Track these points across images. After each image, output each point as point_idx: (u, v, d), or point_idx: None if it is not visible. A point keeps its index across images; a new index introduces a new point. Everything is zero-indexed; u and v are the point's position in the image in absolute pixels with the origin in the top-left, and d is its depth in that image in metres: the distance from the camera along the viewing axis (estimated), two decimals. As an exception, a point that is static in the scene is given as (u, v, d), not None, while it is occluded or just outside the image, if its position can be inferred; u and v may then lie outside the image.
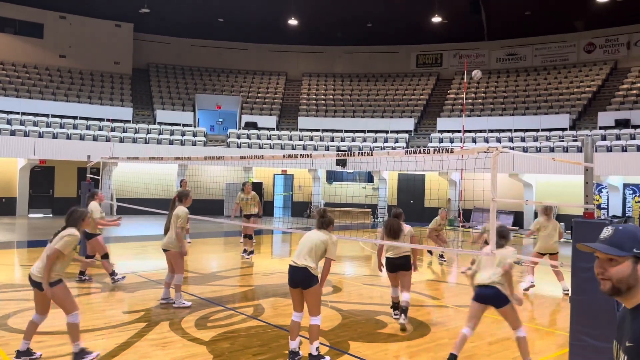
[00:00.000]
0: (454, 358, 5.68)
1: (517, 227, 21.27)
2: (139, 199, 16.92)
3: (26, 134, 22.05)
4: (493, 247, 5.45)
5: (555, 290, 9.93)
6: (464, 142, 23.81)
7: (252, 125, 27.76)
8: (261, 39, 31.42)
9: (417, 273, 10.88)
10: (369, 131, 27.54)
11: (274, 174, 27.00)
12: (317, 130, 27.71)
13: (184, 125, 26.75)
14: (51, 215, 22.30)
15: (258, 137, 26.78)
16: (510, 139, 24.12)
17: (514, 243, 11.42)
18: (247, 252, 12.90)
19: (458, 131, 24.70)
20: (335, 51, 32.43)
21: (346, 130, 27.63)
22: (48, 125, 23.32)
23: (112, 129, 24.33)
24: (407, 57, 32.22)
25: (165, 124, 26.42)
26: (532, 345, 6.61)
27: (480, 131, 25.52)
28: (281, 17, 28.03)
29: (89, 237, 9.89)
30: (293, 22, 28.09)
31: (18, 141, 21.47)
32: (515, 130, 25.00)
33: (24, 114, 23.73)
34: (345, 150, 24.92)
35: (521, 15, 27.62)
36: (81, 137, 22.95)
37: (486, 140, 24.54)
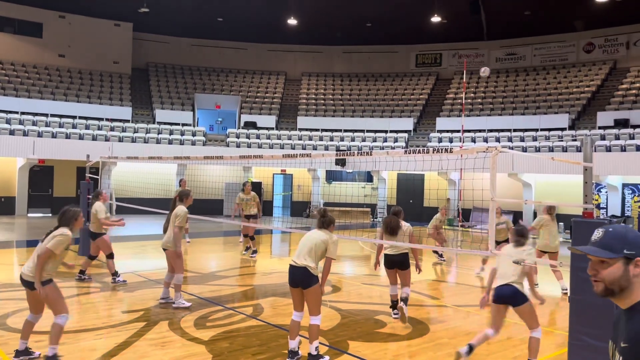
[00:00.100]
0: (471, 348, 5.70)
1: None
2: (138, 198, 16.92)
3: (25, 134, 22.03)
4: (492, 247, 5.46)
5: (555, 290, 9.93)
6: (463, 142, 23.81)
7: (251, 124, 27.75)
8: (260, 39, 31.42)
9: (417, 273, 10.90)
10: (368, 131, 27.54)
11: (274, 174, 27.00)
12: (317, 129, 27.70)
13: (183, 124, 26.74)
14: (50, 215, 22.27)
15: (257, 136, 26.77)
16: (510, 139, 24.12)
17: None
18: (252, 251, 13.18)
19: (457, 131, 24.71)
20: (335, 51, 32.44)
21: (345, 130, 27.63)
22: (47, 125, 23.30)
23: (111, 129, 24.32)
24: (406, 57, 32.23)
25: (165, 123, 26.41)
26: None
27: (480, 131, 25.52)
28: (280, 17, 28.02)
29: (94, 236, 9.85)
30: (292, 21, 28.09)
31: (17, 141, 21.45)
32: (515, 130, 25.00)
33: (23, 113, 23.71)
34: (344, 150, 24.91)
35: (521, 15, 27.62)
36: (80, 137, 22.94)
37: (485, 140, 24.53)
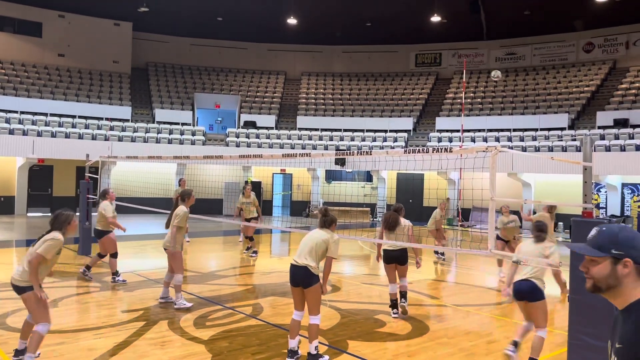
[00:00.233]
0: (515, 344, 5.82)
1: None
2: (138, 198, 16.93)
3: (25, 133, 22.02)
4: (492, 246, 5.46)
5: (554, 289, 9.92)
6: (462, 142, 23.82)
7: (251, 124, 27.75)
8: (260, 38, 31.41)
9: (417, 272, 10.91)
10: (368, 130, 27.54)
11: (273, 173, 27.00)
12: (316, 129, 27.70)
13: (183, 124, 26.73)
14: (50, 214, 22.23)
15: (257, 136, 26.77)
16: (509, 139, 24.12)
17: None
18: (252, 251, 13.34)
19: (457, 130, 24.72)
20: (334, 50, 32.43)
21: (345, 130, 27.62)
22: (47, 124, 23.30)
23: (111, 128, 24.31)
24: (406, 57, 32.23)
25: (164, 123, 26.40)
26: (530, 344, 6.62)
27: (479, 130, 25.52)
28: (280, 17, 28.02)
29: (100, 235, 9.79)
30: (292, 21, 28.08)
31: (17, 140, 21.43)
32: (514, 130, 25.01)
33: (22, 112, 23.70)
34: (344, 150, 24.91)
35: (520, 14, 27.63)
36: (80, 136, 22.93)
37: (485, 139, 24.54)
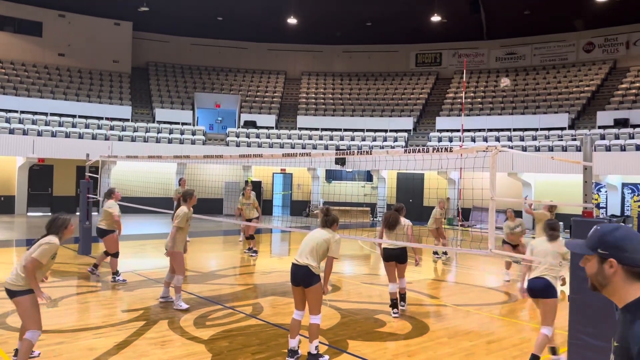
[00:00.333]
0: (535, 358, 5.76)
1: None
2: (138, 197, 16.93)
3: (25, 133, 22.01)
4: (492, 246, 5.45)
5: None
6: (462, 141, 23.81)
7: (251, 124, 27.74)
8: (260, 38, 31.40)
9: (417, 272, 10.92)
10: (368, 130, 27.54)
11: (273, 173, 26.99)
12: (316, 129, 27.70)
13: (183, 124, 26.72)
14: (50, 214, 22.24)
15: (257, 135, 26.77)
16: (509, 138, 24.12)
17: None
18: (252, 250, 13.38)
19: (457, 130, 24.71)
20: (334, 50, 32.42)
21: (345, 129, 27.62)
22: (47, 124, 23.29)
23: (111, 128, 24.31)
24: (406, 56, 32.21)
25: (164, 122, 26.39)
26: (531, 344, 6.62)
27: (479, 130, 25.52)
28: (280, 16, 28.01)
29: (103, 233, 9.76)
30: (292, 21, 28.08)
31: (17, 140, 21.43)
32: (514, 130, 25.00)
33: (22, 112, 23.69)
34: (344, 149, 24.91)
35: (520, 14, 27.62)
36: (80, 136, 22.93)
37: (485, 139, 24.54)
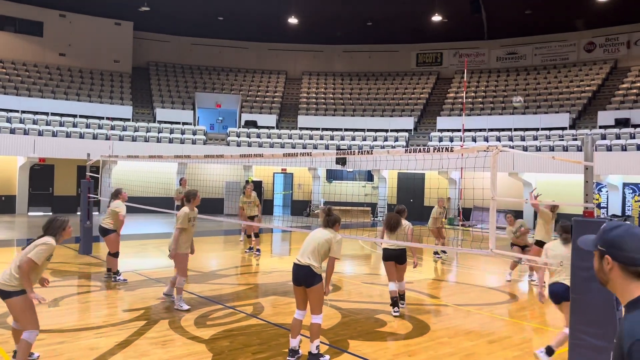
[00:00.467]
0: (550, 350, 5.89)
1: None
2: (139, 197, 16.91)
3: (26, 132, 22.03)
4: (493, 246, 5.45)
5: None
6: (463, 141, 23.80)
7: (251, 123, 27.75)
8: (261, 38, 31.40)
9: (417, 272, 10.91)
10: (369, 130, 27.53)
11: (274, 173, 26.99)
12: (317, 129, 27.70)
13: (184, 123, 26.73)
14: (51, 214, 22.28)
15: (258, 135, 26.77)
16: (510, 138, 24.12)
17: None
18: (255, 249, 13.40)
19: (458, 130, 24.69)
20: (335, 50, 32.41)
21: (346, 129, 27.62)
22: (48, 124, 23.31)
23: (112, 128, 24.32)
24: (407, 56, 32.20)
25: (165, 122, 26.40)
26: (531, 344, 6.62)
27: (480, 130, 25.52)
28: (281, 16, 28.02)
29: (106, 232, 9.73)
30: (293, 20, 28.08)
31: (18, 139, 21.45)
32: (515, 130, 24.99)
33: (23, 112, 23.71)
34: (345, 149, 24.90)
35: (521, 14, 27.61)
36: (81, 136, 22.94)
37: (486, 139, 24.53)
